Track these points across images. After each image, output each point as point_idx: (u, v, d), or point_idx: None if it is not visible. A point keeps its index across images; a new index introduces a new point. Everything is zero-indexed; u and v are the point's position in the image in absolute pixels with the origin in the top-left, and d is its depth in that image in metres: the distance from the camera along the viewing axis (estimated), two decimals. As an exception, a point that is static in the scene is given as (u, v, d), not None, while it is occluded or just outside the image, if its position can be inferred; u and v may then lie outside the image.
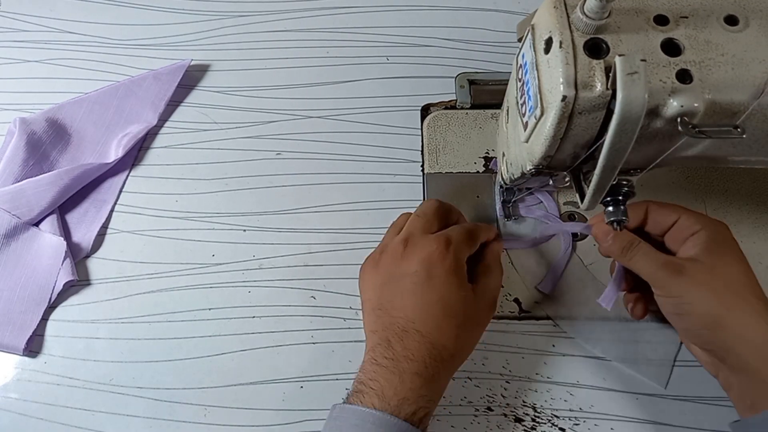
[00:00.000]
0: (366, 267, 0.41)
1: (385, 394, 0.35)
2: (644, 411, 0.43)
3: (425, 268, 0.38)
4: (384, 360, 0.37)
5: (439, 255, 0.38)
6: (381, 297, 0.39)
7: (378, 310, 0.39)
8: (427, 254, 0.38)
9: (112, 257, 0.50)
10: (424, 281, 0.38)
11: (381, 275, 0.40)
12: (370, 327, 0.39)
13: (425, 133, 0.53)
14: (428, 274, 0.38)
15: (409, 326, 0.37)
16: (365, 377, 0.37)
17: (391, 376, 0.36)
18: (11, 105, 0.56)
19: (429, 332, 0.37)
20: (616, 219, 0.35)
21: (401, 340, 0.37)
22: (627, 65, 0.27)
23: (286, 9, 0.60)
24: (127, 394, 0.45)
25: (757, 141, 0.32)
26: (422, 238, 0.39)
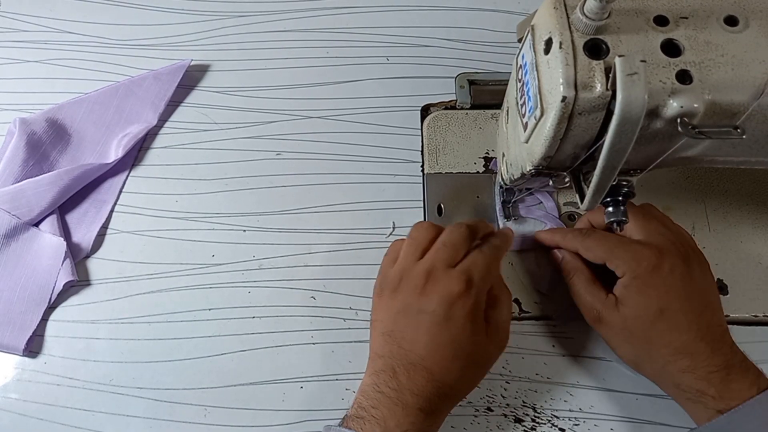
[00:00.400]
0: (384, 289, 0.40)
1: (387, 425, 0.35)
2: (644, 411, 0.43)
3: (444, 309, 0.37)
4: (387, 389, 0.36)
5: (459, 296, 0.37)
6: (394, 324, 0.39)
7: (387, 336, 0.38)
8: (448, 294, 0.37)
9: (112, 257, 0.50)
10: (441, 321, 0.37)
11: (397, 304, 0.39)
12: (377, 350, 0.39)
13: (425, 134, 0.53)
14: (446, 315, 0.37)
15: (417, 361, 0.37)
16: (367, 403, 0.37)
17: (395, 407, 0.36)
18: (11, 105, 0.56)
19: (437, 371, 0.37)
20: (616, 219, 0.35)
21: (407, 372, 0.37)
22: (627, 66, 0.27)
23: (287, 9, 0.60)
24: (127, 395, 0.45)
25: (756, 141, 0.32)
26: (445, 274, 0.38)
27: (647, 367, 0.40)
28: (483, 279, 0.39)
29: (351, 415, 0.37)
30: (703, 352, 0.37)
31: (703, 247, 0.47)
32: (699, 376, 0.37)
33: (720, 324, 0.39)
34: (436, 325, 0.37)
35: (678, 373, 0.38)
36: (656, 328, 0.39)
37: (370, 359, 0.39)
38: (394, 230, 0.50)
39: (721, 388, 0.36)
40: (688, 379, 0.37)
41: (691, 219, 0.49)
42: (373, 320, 0.41)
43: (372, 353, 0.39)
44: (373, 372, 0.38)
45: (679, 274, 0.39)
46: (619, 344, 0.41)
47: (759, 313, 0.45)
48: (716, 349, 0.38)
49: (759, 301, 0.46)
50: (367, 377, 0.39)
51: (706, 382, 0.37)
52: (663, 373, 0.39)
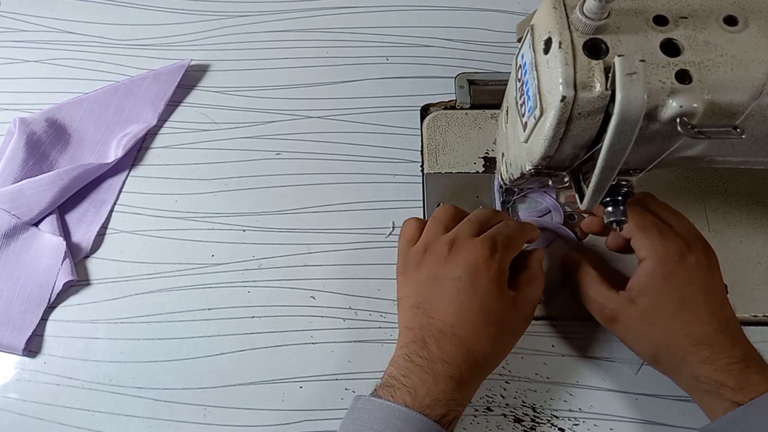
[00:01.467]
0: (407, 264, 0.41)
1: (417, 393, 0.35)
2: (644, 411, 0.43)
3: (469, 274, 0.38)
4: (418, 359, 0.37)
5: (484, 262, 0.38)
6: (421, 296, 0.39)
7: (416, 308, 0.39)
8: (473, 260, 0.38)
9: (111, 257, 0.50)
10: (467, 287, 0.38)
11: (423, 274, 0.39)
12: (406, 324, 0.39)
13: (425, 134, 0.53)
14: (472, 281, 0.38)
15: (447, 329, 0.37)
16: (397, 372, 0.37)
17: (425, 375, 0.36)
18: (11, 105, 0.56)
19: (467, 338, 0.37)
20: (615, 219, 0.35)
21: (438, 341, 0.37)
22: (626, 66, 0.27)
23: (286, 9, 0.60)
24: (126, 394, 0.45)
25: (756, 141, 0.32)
26: (468, 241, 0.39)
27: (665, 360, 0.40)
28: (506, 247, 0.40)
29: (381, 385, 0.37)
30: (724, 343, 0.37)
31: (703, 247, 0.47)
32: (719, 367, 0.37)
33: (736, 320, 0.39)
34: (463, 291, 0.38)
35: (697, 364, 0.38)
36: (677, 319, 0.38)
37: (400, 334, 0.40)
38: (394, 230, 0.50)
39: (741, 379, 0.36)
40: (707, 371, 0.37)
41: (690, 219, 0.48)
42: (399, 298, 0.41)
43: (402, 328, 0.40)
44: (403, 344, 0.38)
45: (704, 267, 0.39)
46: (636, 340, 0.40)
47: (759, 313, 0.45)
48: (735, 342, 0.38)
49: (759, 301, 0.46)
50: (397, 350, 0.39)
51: (725, 374, 0.37)
52: (682, 365, 0.39)
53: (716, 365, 0.37)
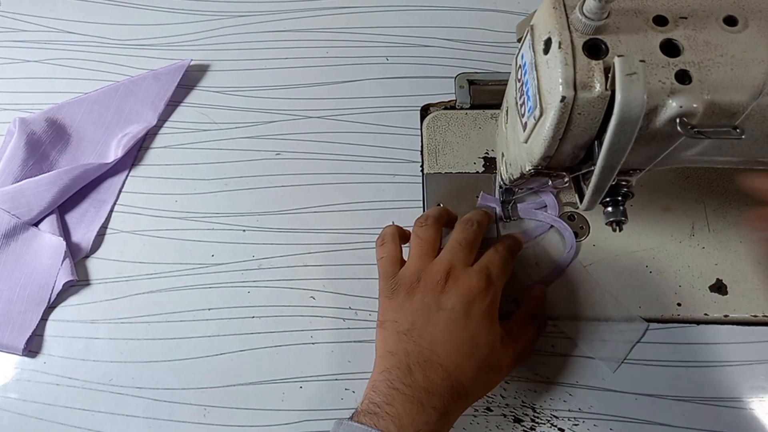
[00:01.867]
0: (398, 290, 0.40)
1: (402, 423, 0.35)
2: (644, 411, 0.43)
3: (464, 306, 0.38)
4: (402, 386, 0.36)
5: (479, 293, 0.38)
6: (411, 323, 0.39)
7: (403, 334, 0.38)
8: (468, 291, 0.38)
9: (111, 257, 0.50)
10: (459, 318, 0.38)
11: (416, 302, 0.39)
12: (389, 348, 0.39)
13: (425, 134, 0.53)
14: (465, 313, 0.38)
15: (433, 358, 0.37)
16: (380, 399, 0.36)
17: (410, 405, 0.36)
18: (11, 105, 0.56)
19: (453, 369, 0.37)
20: (615, 219, 0.35)
21: (423, 370, 0.37)
22: (626, 66, 0.27)
23: (286, 9, 0.60)
24: (126, 394, 0.45)
25: (756, 141, 0.32)
26: (464, 272, 0.39)
27: None
28: (499, 277, 0.40)
29: (363, 410, 0.36)
30: None
31: (703, 247, 0.47)
32: None
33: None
34: (455, 321, 0.38)
35: None
36: None
37: (379, 357, 0.39)
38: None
39: None
40: None
41: (690, 219, 0.49)
42: (382, 321, 0.40)
43: (382, 351, 0.39)
44: (385, 369, 0.38)
45: None
46: None
47: (759, 313, 0.45)
48: None
49: (759, 301, 0.46)
50: (376, 374, 0.38)
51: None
52: None
53: None
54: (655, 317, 0.45)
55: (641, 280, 0.47)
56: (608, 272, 0.47)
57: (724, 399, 0.43)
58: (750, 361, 0.44)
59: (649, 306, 0.46)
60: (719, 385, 0.43)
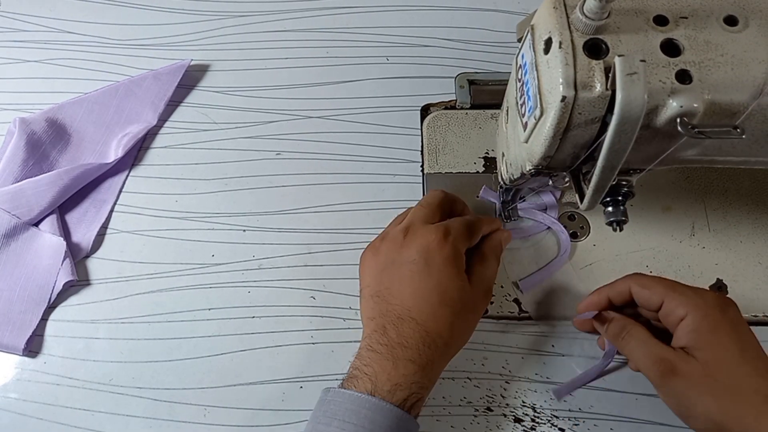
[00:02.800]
0: (366, 254, 0.42)
1: (378, 380, 0.36)
2: (644, 411, 0.43)
3: (423, 256, 0.38)
4: (379, 346, 0.37)
5: (438, 244, 0.38)
6: (380, 284, 0.39)
7: (376, 297, 0.39)
8: (426, 243, 0.39)
9: (111, 257, 0.50)
10: (421, 269, 0.38)
11: (380, 262, 0.40)
12: (368, 314, 0.40)
13: (425, 134, 0.53)
14: (426, 263, 0.38)
15: (405, 314, 0.38)
16: (360, 363, 0.37)
17: (385, 362, 0.36)
18: (11, 105, 0.56)
19: (424, 320, 0.37)
20: (615, 219, 0.35)
21: (396, 327, 0.37)
22: (626, 66, 0.27)
23: (286, 9, 0.60)
24: (126, 394, 0.45)
25: (756, 141, 0.32)
26: (422, 227, 0.40)
27: (735, 423, 0.34)
28: (460, 233, 0.40)
29: (346, 378, 0.37)
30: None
31: (703, 247, 0.47)
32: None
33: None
34: (418, 273, 0.38)
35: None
36: (742, 372, 0.34)
37: (364, 326, 0.40)
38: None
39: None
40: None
41: (690, 219, 0.49)
42: (360, 290, 0.41)
43: (364, 319, 0.40)
44: (366, 335, 0.39)
45: (743, 320, 0.36)
46: (699, 399, 0.35)
47: (759, 313, 0.45)
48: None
49: (759, 301, 0.46)
50: (361, 342, 0.39)
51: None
52: (756, 427, 0.33)
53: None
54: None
55: (641, 280, 0.46)
56: (608, 272, 0.47)
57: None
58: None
59: (650, 306, 0.46)
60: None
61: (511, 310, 0.46)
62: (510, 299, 0.47)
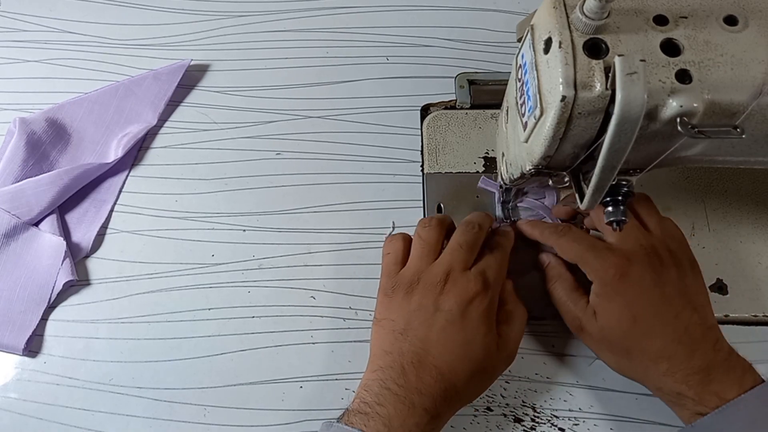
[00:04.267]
0: (397, 289, 0.40)
1: (392, 424, 0.35)
2: (644, 411, 0.43)
3: (461, 308, 0.38)
4: (395, 386, 0.36)
5: (476, 296, 0.38)
6: (407, 323, 0.39)
7: (399, 333, 0.38)
8: (466, 294, 0.38)
9: (111, 257, 0.50)
10: (456, 320, 0.38)
11: (413, 303, 0.39)
12: (384, 347, 0.39)
13: (425, 133, 0.53)
14: (462, 315, 0.38)
15: (427, 360, 0.37)
16: (371, 399, 0.36)
17: (401, 405, 0.35)
18: (11, 105, 0.56)
19: (447, 371, 0.37)
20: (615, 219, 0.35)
21: (416, 370, 0.37)
22: (626, 65, 0.27)
23: (286, 9, 0.60)
24: (126, 394, 0.45)
25: (756, 141, 0.32)
26: (462, 275, 0.39)
27: (631, 373, 0.40)
28: (497, 280, 0.40)
29: (353, 410, 0.36)
30: (681, 354, 0.37)
31: (703, 247, 0.47)
32: (677, 379, 0.37)
33: (702, 323, 0.38)
34: (451, 323, 0.38)
35: (658, 377, 0.38)
36: (631, 336, 0.38)
37: (374, 355, 0.39)
38: (394, 230, 0.50)
39: (700, 390, 0.36)
40: (667, 383, 0.37)
41: (690, 219, 0.49)
42: (379, 319, 0.40)
43: (376, 350, 0.39)
44: (378, 368, 0.38)
45: (649, 280, 0.39)
46: (600, 353, 0.41)
47: (759, 313, 0.45)
48: (694, 351, 0.37)
49: (759, 301, 0.46)
50: (369, 372, 0.38)
51: (684, 385, 0.37)
52: (645, 378, 0.39)
53: (675, 377, 0.37)
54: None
55: (641, 280, 0.46)
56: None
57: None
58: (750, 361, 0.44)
59: (650, 306, 0.46)
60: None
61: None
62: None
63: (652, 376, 0.38)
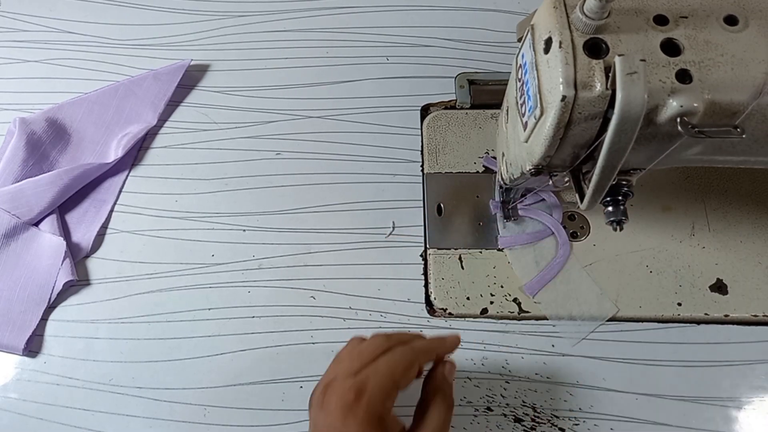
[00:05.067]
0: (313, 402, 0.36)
1: None
2: (644, 411, 0.43)
3: (339, 421, 0.33)
4: None
5: (350, 409, 0.33)
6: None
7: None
8: (340, 406, 0.33)
9: (111, 257, 0.50)
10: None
11: (312, 419, 0.35)
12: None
13: (425, 133, 0.53)
14: (341, 428, 0.33)
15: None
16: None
17: None
18: (11, 105, 0.56)
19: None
20: (615, 219, 0.35)
21: None
22: (626, 65, 0.27)
23: (286, 9, 0.60)
24: (126, 394, 0.45)
25: (756, 141, 0.32)
26: (340, 384, 0.34)
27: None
28: (380, 390, 0.34)
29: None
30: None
31: (703, 247, 0.47)
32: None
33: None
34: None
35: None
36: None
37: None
38: (394, 230, 0.50)
39: None
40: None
41: (690, 219, 0.49)
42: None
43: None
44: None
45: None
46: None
47: (759, 313, 0.45)
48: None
49: (759, 301, 0.46)
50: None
51: None
52: None
53: None
54: (655, 317, 0.46)
55: (641, 280, 0.47)
56: (608, 272, 0.47)
57: (724, 399, 0.43)
58: (750, 361, 0.44)
59: (650, 306, 0.46)
60: (719, 385, 0.43)
61: (511, 310, 0.46)
62: (510, 299, 0.47)
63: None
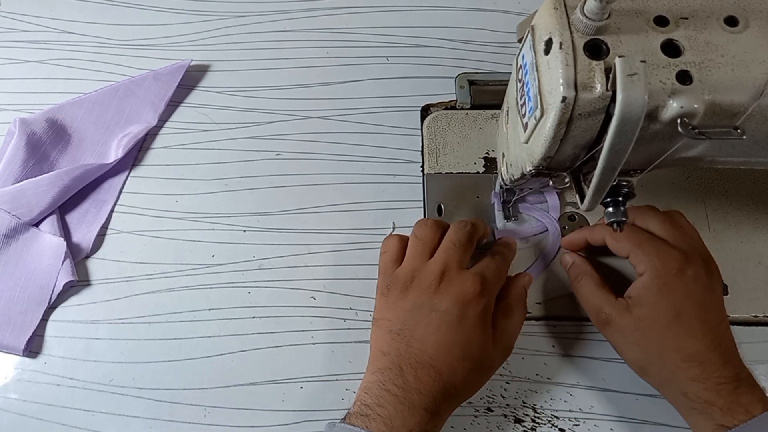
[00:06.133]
0: (392, 288, 0.40)
1: (393, 424, 0.35)
2: (644, 412, 0.43)
3: (458, 308, 0.38)
4: (394, 387, 0.37)
5: (474, 297, 0.38)
6: (403, 323, 0.39)
7: (395, 334, 0.39)
8: (463, 294, 0.38)
9: (112, 258, 0.50)
10: (453, 320, 0.38)
11: (409, 302, 0.39)
12: (382, 347, 0.39)
13: (425, 134, 0.53)
14: (459, 315, 0.38)
15: (425, 360, 0.37)
16: (371, 401, 0.36)
17: (401, 406, 0.36)
18: (11, 105, 0.56)
19: (445, 370, 0.37)
20: (616, 220, 0.35)
21: (415, 371, 0.37)
22: (627, 66, 0.27)
23: (286, 9, 0.60)
24: (126, 395, 0.45)
25: (756, 142, 0.32)
26: (459, 274, 0.39)
27: (655, 372, 0.40)
28: (495, 282, 0.40)
29: (354, 413, 0.37)
30: (716, 362, 0.37)
31: (703, 247, 0.47)
32: (708, 386, 0.37)
33: (731, 339, 0.39)
34: (448, 323, 0.38)
35: (687, 381, 0.37)
36: (671, 332, 0.38)
37: (373, 356, 0.39)
38: (395, 230, 0.50)
39: (730, 400, 0.36)
40: (696, 389, 0.37)
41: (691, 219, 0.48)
42: (376, 319, 0.41)
43: (375, 350, 0.39)
44: (377, 369, 0.38)
45: (702, 283, 0.39)
46: (628, 347, 0.40)
47: (759, 313, 0.45)
48: (728, 361, 0.37)
49: (759, 301, 0.46)
50: (369, 374, 0.39)
51: (715, 393, 0.36)
52: (671, 380, 0.39)
53: (706, 384, 0.37)
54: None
55: (642, 280, 0.46)
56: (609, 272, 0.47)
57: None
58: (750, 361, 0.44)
59: (650, 306, 0.46)
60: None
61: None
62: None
63: (680, 379, 0.38)
